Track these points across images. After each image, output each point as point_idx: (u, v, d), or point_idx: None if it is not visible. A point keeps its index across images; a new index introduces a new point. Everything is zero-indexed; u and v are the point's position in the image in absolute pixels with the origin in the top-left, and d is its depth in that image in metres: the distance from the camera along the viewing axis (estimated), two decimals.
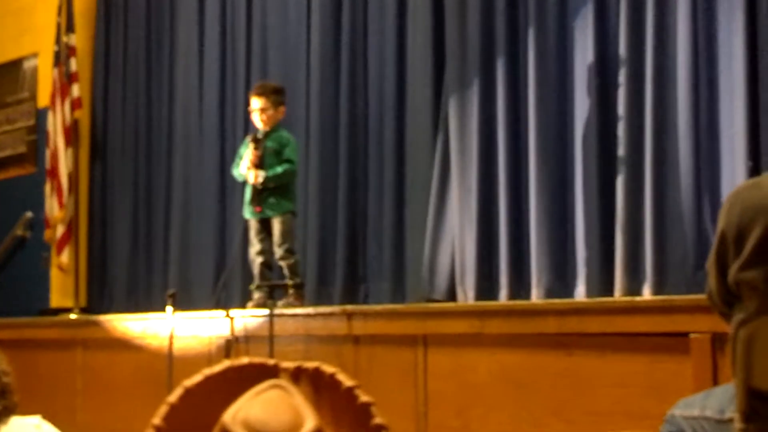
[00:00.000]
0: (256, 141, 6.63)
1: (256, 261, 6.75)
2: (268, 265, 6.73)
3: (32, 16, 9.67)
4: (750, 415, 2.35)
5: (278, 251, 6.66)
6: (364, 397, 1.54)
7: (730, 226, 2.38)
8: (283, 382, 1.50)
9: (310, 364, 1.57)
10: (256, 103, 6.76)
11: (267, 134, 6.73)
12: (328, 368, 1.57)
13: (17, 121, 9.75)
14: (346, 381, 1.55)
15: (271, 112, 6.73)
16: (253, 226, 6.76)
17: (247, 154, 6.66)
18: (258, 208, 6.61)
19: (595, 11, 6.14)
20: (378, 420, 1.53)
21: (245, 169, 6.65)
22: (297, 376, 1.55)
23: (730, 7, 5.54)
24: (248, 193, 6.71)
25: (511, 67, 6.52)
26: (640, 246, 5.72)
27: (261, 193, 6.61)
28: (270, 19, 8.14)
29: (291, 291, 6.52)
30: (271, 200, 6.63)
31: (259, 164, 6.60)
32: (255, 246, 6.76)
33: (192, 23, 8.76)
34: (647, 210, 5.70)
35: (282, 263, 6.68)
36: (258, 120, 6.75)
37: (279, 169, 6.61)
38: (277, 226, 6.66)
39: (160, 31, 9.12)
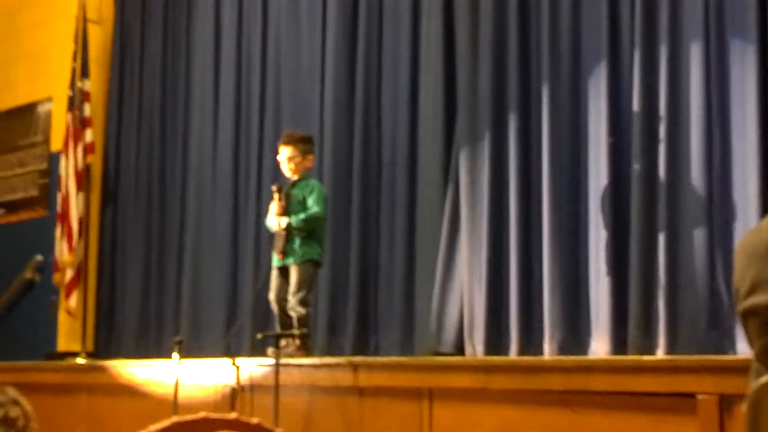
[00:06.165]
0: (280, 191, 6.60)
1: (275, 308, 6.68)
2: (286, 313, 6.62)
3: (47, 61, 9.72)
4: None
5: (291, 300, 6.55)
6: None
7: (738, 272, 2.40)
8: None
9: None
10: (284, 152, 6.70)
11: (295, 183, 6.69)
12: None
13: (29, 165, 9.78)
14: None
15: (298, 160, 6.68)
16: (275, 273, 6.68)
17: (274, 203, 6.64)
18: (280, 255, 6.56)
19: (609, 67, 6.11)
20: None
21: (271, 218, 6.64)
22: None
23: (742, 63, 5.50)
24: (275, 241, 6.67)
25: (523, 121, 6.50)
26: (653, 303, 5.65)
27: (287, 241, 6.56)
28: (284, 68, 8.16)
29: (293, 341, 6.43)
30: (295, 247, 6.56)
31: (284, 213, 6.56)
32: (272, 293, 6.68)
33: (207, 71, 8.79)
34: (660, 267, 5.64)
35: (292, 313, 6.55)
36: (286, 169, 6.71)
37: (302, 216, 6.55)
38: (294, 274, 6.56)
39: (175, 78, 9.15)
